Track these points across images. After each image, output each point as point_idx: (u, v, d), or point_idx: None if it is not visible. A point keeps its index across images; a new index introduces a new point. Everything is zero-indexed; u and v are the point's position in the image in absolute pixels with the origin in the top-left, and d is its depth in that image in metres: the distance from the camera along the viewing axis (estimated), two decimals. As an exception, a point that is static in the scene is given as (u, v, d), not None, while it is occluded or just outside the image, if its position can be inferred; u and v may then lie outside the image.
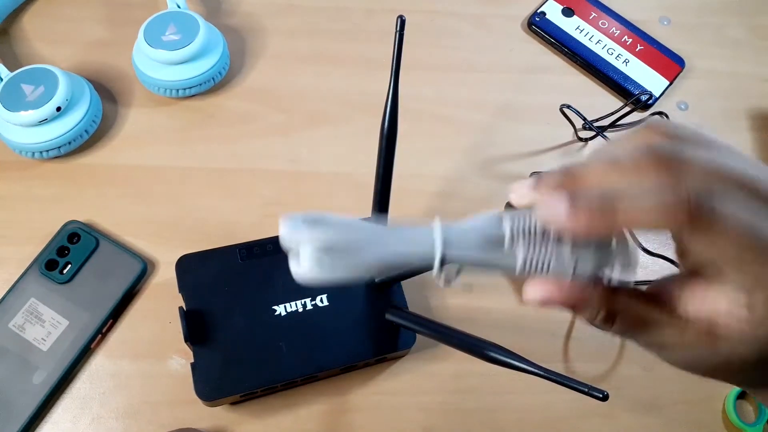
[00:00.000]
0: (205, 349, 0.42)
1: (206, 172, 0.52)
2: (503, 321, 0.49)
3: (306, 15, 0.60)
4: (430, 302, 0.49)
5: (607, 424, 0.47)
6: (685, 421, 0.48)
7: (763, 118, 0.60)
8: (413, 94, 0.55)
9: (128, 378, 0.45)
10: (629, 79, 0.59)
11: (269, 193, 0.52)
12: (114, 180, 0.51)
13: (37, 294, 0.45)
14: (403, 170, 0.46)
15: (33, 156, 0.49)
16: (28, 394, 0.43)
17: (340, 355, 0.43)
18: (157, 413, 0.44)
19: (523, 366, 0.35)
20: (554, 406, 0.47)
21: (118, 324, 0.46)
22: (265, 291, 0.44)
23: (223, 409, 0.44)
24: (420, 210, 0.52)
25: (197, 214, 0.50)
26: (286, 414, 0.45)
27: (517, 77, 0.60)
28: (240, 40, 0.58)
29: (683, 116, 0.59)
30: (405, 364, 0.47)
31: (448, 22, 0.62)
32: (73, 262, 0.46)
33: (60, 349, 0.44)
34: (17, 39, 0.56)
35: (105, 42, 0.56)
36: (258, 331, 0.43)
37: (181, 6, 0.54)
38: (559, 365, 0.49)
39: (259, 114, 0.55)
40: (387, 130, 0.40)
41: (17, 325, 0.44)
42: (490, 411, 0.46)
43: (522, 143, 0.56)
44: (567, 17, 0.62)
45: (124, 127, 0.53)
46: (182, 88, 0.52)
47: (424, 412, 0.46)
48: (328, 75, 0.57)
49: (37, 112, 0.47)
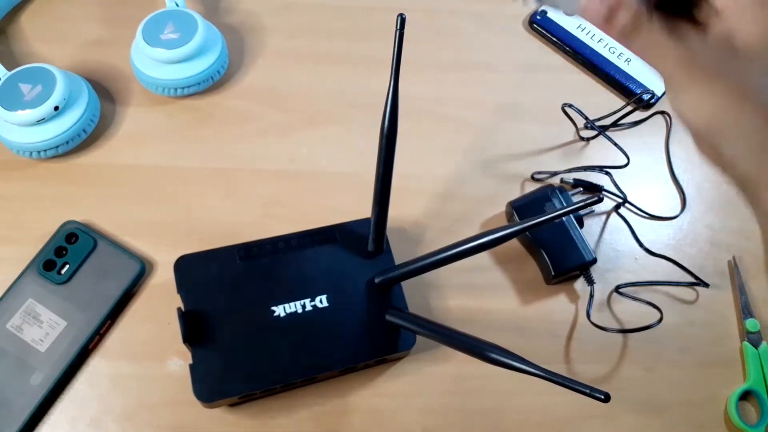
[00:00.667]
0: (203, 350, 0.41)
1: (205, 171, 0.52)
2: (504, 322, 0.49)
3: (305, 13, 0.60)
4: (430, 303, 0.49)
5: (609, 425, 0.47)
6: (687, 422, 0.48)
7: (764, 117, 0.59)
8: (413, 93, 0.55)
9: (126, 379, 0.44)
10: (631, 78, 0.59)
11: (268, 193, 0.51)
12: (112, 180, 0.51)
13: (35, 294, 0.45)
14: (404, 170, 0.46)
15: (31, 156, 0.49)
16: (25, 396, 0.42)
17: (339, 357, 0.43)
18: (155, 415, 0.44)
19: (523, 367, 0.35)
20: (555, 408, 0.47)
21: (116, 325, 0.46)
22: (264, 292, 0.44)
23: (221, 411, 0.44)
24: (420, 210, 0.52)
25: (196, 214, 0.50)
26: (285, 416, 0.44)
27: (518, 76, 0.59)
28: (239, 39, 0.58)
29: (685, 115, 0.59)
30: (405, 366, 0.47)
31: (448, 21, 0.61)
32: (71, 263, 0.46)
33: (58, 350, 0.44)
34: (15, 38, 0.56)
35: (103, 41, 0.56)
36: (257, 332, 0.42)
37: (180, 4, 0.54)
38: (560, 366, 0.48)
39: (258, 113, 0.55)
40: (387, 130, 0.40)
41: (15, 326, 0.44)
42: (490, 412, 0.46)
43: (523, 142, 0.56)
44: (568, 15, 0.61)
45: (122, 127, 0.53)
46: (181, 87, 0.52)
47: (425, 413, 0.46)
48: (328, 74, 0.57)
49: (34, 111, 0.47)
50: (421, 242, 0.51)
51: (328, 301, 0.44)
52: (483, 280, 0.50)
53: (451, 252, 0.40)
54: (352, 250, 0.46)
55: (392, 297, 0.45)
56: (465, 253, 0.39)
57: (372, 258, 0.46)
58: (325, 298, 0.44)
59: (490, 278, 0.50)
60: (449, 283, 0.49)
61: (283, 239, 0.46)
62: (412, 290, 0.47)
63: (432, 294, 0.49)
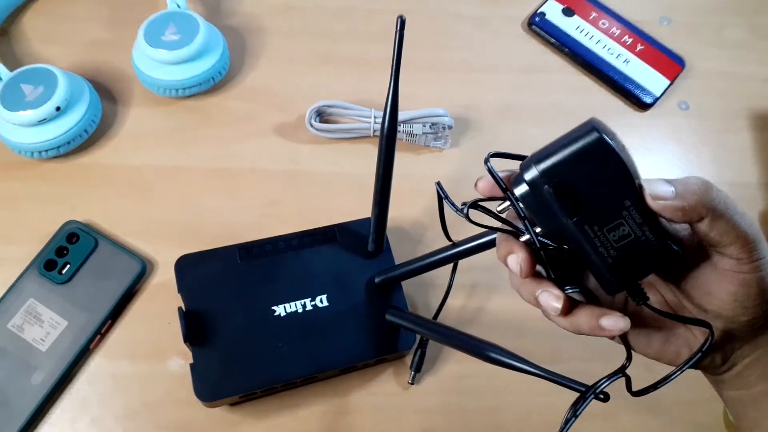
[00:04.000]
0: (204, 349, 0.42)
1: (206, 172, 0.52)
2: (503, 322, 0.49)
3: (306, 15, 0.60)
4: (430, 303, 0.49)
5: (608, 425, 0.47)
6: (686, 422, 0.48)
7: (763, 118, 0.60)
8: (414, 93, 0.55)
9: (127, 379, 0.45)
10: (629, 79, 0.59)
11: (269, 193, 0.52)
12: (113, 180, 0.51)
13: (36, 294, 0.45)
14: (403, 170, 0.46)
15: (32, 156, 0.49)
16: (26, 395, 0.42)
17: (339, 356, 0.43)
18: (156, 414, 0.44)
19: (523, 367, 0.35)
20: (554, 407, 0.47)
21: (117, 324, 0.46)
22: (265, 291, 0.44)
23: (222, 410, 0.44)
24: (420, 210, 0.52)
25: (196, 214, 0.50)
26: (286, 415, 0.45)
27: (517, 77, 0.60)
28: (240, 40, 0.58)
29: (684, 116, 0.59)
30: (405, 365, 0.47)
31: (448, 23, 0.62)
32: (72, 263, 0.46)
33: (59, 350, 0.44)
34: (17, 39, 0.56)
35: (105, 42, 0.56)
36: (257, 331, 0.42)
37: (181, 6, 0.54)
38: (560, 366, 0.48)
39: (259, 114, 0.55)
40: (387, 130, 0.40)
41: (16, 326, 0.44)
42: (490, 411, 0.46)
43: (522, 143, 0.55)
44: (567, 17, 0.61)
45: (123, 127, 0.53)
46: (182, 88, 0.52)
47: (424, 412, 0.46)
48: (328, 75, 0.57)
49: (36, 111, 0.47)
50: (421, 242, 0.51)
51: (328, 301, 0.44)
52: (483, 280, 0.50)
53: (451, 252, 0.40)
54: (352, 250, 0.46)
55: (392, 297, 0.45)
56: (465, 253, 0.40)
57: (372, 258, 0.46)
58: (326, 297, 0.44)
59: (490, 278, 0.50)
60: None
61: (283, 239, 0.46)
62: (412, 290, 0.47)
63: (432, 294, 0.49)
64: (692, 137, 0.58)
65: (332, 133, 0.53)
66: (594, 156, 0.27)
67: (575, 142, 0.27)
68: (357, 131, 0.53)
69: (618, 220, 0.27)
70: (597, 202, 0.27)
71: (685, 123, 0.59)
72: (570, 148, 0.27)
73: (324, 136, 0.53)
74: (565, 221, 0.27)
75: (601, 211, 0.27)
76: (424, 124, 0.53)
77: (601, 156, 0.27)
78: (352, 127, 0.53)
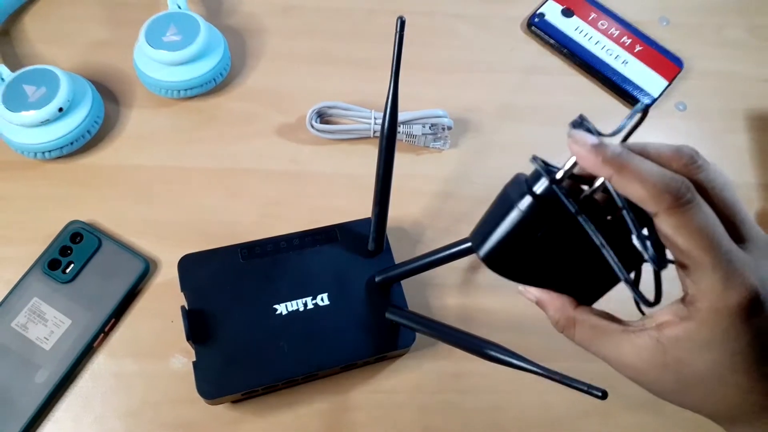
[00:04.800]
0: (206, 348, 0.42)
1: (208, 172, 0.52)
2: (503, 320, 0.49)
3: (306, 15, 0.60)
4: (430, 302, 0.49)
5: (607, 422, 0.47)
6: (685, 419, 0.48)
7: (761, 118, 0.60)
8: (413, 94, 0.56)
9: (130, 377, 0.45)
10: (628, 80, 0.59)
11: (270, 193, 0.52)
12: (116, 180, 0.51)
13: (40, 293, 0.45)
14: (403, 170, 0.47)
15: (35, 156, 0.50)
16: (30, 393, 0.43)
17: (340, 354, 0.43)
18: (159, 412, 0.44)
19: (522, 365, 0.36)
20: (554, 405, 0.47)
21: (121, 323, 0.46)
22: (266, 290, 0.44)
23: (224, 408, 0.44)
24: (420, 210, 0.52)
25: (199, 214, 0.51)
26: (287, 412, 0.45)
27: (516, 78, 0.60)
28: (241, 41, 0.58)
29: (682, 117, 0.60)
30: (405, 363, 0.47)
31: (447, 23, 0.62)
32: (75, 262, 0.46)
33: (62, 348, 0.44)
34: (19, 40, 0.56)
35: (106, 42, 0.57)
36: (259, 330, 0.43)
37: (182, 7, 0.54)
38: (559, 364, 0.48)
39: (260, 114, 0.55)
40: (387, 130, 0.40)
41: (20, 325, 0.44)
42: (489, 410, 0.47)
43: (521, 144, 0.56)
44: (566, 18, 0.62)
45: (126, 128, 0.53)
46: (183, 89, 0.53)
47: (424, 410, 0.46)
48: (329, 75, 0.58)
49: (39, 112, 0.48)
50: (421, 242, 0.51)
51: (329, 300, 0.44)
52: (482, 278, 0.51)
53: (450, 251, 0.40)
54: (352, 250, 0.46)
55: (392, 295, 0.46)
56: (464, 252, 0.40)
57: (372, 257, 0.46)
58: (327, 296, 0.44)
59: (490, 277, 0.50)
60: (448, 281, 0.50)
61: (284, 239, 0.46)
62: (412, 289, 0.47)
63: (431, 292, 0.50)
64: (690, 138, 0.59)
65: (332, 134, 0.54)
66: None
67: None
68: (357, 132, 0.54)
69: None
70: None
71: (682, 124, 0.59)
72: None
73: (324, 136, 0.54)
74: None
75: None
76: (424, 125, 0.53)
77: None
78: (353, 128, 0.54)
